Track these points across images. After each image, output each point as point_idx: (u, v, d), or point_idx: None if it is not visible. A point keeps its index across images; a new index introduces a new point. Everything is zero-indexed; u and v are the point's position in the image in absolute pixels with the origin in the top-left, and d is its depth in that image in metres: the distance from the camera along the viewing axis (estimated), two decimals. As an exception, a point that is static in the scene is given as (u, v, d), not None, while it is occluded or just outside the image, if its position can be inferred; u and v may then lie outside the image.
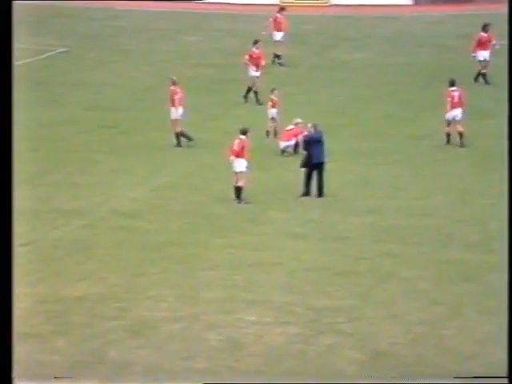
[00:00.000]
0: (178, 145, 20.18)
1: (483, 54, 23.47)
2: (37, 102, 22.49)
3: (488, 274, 13.84)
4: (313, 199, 17.11)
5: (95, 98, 24.09)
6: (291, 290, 13.45)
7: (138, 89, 24.35)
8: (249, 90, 22.89)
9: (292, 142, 19.56)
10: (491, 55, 23.54)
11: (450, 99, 20.19)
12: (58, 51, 27.70)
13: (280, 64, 26.42)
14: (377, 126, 21.66)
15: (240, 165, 16.90)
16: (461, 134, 19.95)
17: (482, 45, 23.49)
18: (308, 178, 17.25)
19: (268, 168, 18.82)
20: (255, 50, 23.16)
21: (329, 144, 18.49)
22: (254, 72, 22.96)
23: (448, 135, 20.18)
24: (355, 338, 12.02)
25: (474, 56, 23.49)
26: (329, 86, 24.33)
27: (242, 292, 13.39)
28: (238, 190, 16.94)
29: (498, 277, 13.66)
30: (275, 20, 26.76)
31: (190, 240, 15.32)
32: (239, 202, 16.90)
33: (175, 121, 20.29)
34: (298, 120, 19.60)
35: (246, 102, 22.86)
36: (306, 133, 18.03)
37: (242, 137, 17.15)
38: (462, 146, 19.92)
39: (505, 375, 10.00)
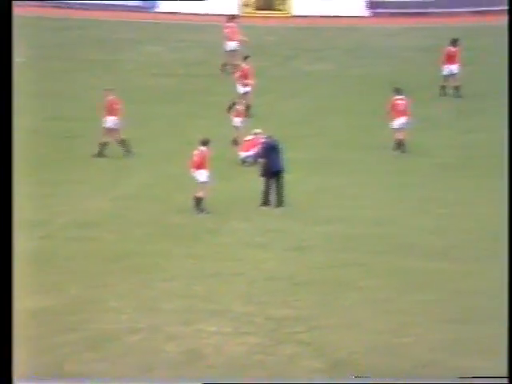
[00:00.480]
0: (127, 151, 20.01)
1: (449, 68, 23.28)
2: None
3: (446, 282, 13.90)
4: (273, 209, 17.07)
5: (55, 107, 23.83)
6: (251, 300, 13.40)
7: (99, 99, 24.14)
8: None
9: (252, 153, 19.56)
10: (460, 68, 23.38)
11: (394, 107, 20.42)
12: (15, 61, 27.32)
13: (227, 72, 26.28)
14: (339, 136, 21.73)
15: (201, 175, 16.82)
16: (401, 142, 20.24)
17: (449, 59, 23.29)
18: (267, 187, 17.23)
19: (229, 178, 18.72)
20: (245, 66, 22.70)
21: (291, 154, 18.51)
22: (242, 88, 22.45)
23: (400, 142, 20.43)
24: (315, 347, 12.01)
25: (444, 68, 23.36)
26: (291, 97, 24.37)
27: (202, 302, 13.30)
28: (199, 200, 16.87)
29: (455, 285, 13.77)
30: (228, 29, 26.74)
31: (151, 250, 15.20)
32: (200, 212, 16.81)
33: (113, 130, 20.10)
34: (258, 130, 19.62)
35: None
36: (262, 140, 18.08)
37: (202, 148, 17.08)
38: (402, 151, 20.22)
39: (504, 375, 9.95)
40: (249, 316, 12.87)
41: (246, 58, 22.96)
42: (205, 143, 17.08)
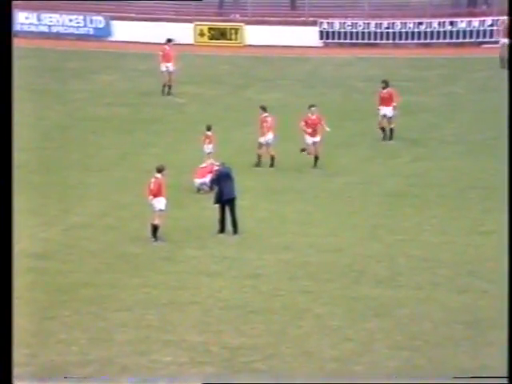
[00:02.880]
0: None
1: (384, 110, 22.50)
2: None
3: (397, 308, 13.90)
4: (228, 236, 16.94)
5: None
6: (207, 329, 13.21)
7: (50, 128, 23.80)
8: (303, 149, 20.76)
9: (207, 179, 19.48)
10: (394, 111, 22.48)
11: (265, 124, 20.88)
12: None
13: (169, 93, 26.66)
14: (289, 164, 21.78)
15: (159, 203, 16.63)
16: (273, 157, 20.95)
17: (383, 100, 22.62)
18: (222, 214, 17.12)
19: (184, 205, 18.56)
20: (311, 116, 20.67)
21: (244, 182, 18.50)
22: (309, 138, 20.53)
23: (260, 157, 21.01)
24: (270, 375, 11.87)
25: (378, 110, 22.68)
26: (244, 125, 24.35)
27: (157, 332, 13.07)
28: (155, 229, 16.65)
29: (406, 311, 13.80)
30: (164, 52, 26.73)
31: (104, 280, 14.92)
32: (155, 241, 16.60)
33: None
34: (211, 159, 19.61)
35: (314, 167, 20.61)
36: (216, 168, 18.02)
37: (158, 175, 16.92)
38: (271, 166, 20.96)
39: (505, 375, 9.87)
40: (204, 345, 12.69)
41: (310, 106, 20.94)
42: (160, 170, 16.92)
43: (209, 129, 20.90)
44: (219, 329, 13.18)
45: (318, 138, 21.04)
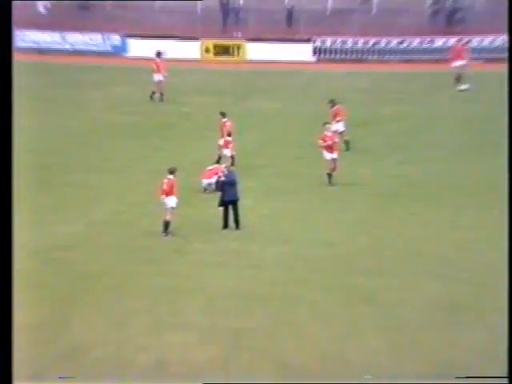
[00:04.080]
0: None
1: (336, 126, 21.74)
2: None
3: (382, 294, 13.98)
4: (232, 231, 17.03)
5: (32, 141, 23.53)
6: (212, 314, 13.33)
7: (71, 134, 24.00)
8: (329, 175, 19.65)
9: (213, 180, 19.56)
10: (345, 126, 22.13)
11: (224, 128, 20.89)
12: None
13: (161, 99, 27.24)
14: (290, 167, 21.86)
15: (171, 201, 16.72)
16: (232, 158, 20.87)
17: (334, 117, 22.11)
18: (225, 213, 17.25)
19: (192, 204, 18.64)
20: (327, 133, 19.64)
21: (246, 182, 18.62)
22: (328, 155, 19.58)
23: (220, 157, 20.84)
24: (269, 353, 11.97)
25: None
26: (246, 131, 24.50)
27: (168, 316, 13.17)
28: (166, 224, 16.76)
29: (391, 297, 13.89)
30: (156, 64, 27.53)
31: (121, 270, 15.00)
32: (166, 235, 16.71)
33: None
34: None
35: (329, 183, 19.58)
36: (221, 175, 18.09)
37: (170, 176, 17.01)
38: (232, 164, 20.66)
39: (505, 375, 9.60)
40: (210, 328, 12.80)
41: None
42: (172, 172, 17.02)
43: (229, 134, 20.96)
44: (224, 313, 13.29)
45: (336, 155, 19.92)
